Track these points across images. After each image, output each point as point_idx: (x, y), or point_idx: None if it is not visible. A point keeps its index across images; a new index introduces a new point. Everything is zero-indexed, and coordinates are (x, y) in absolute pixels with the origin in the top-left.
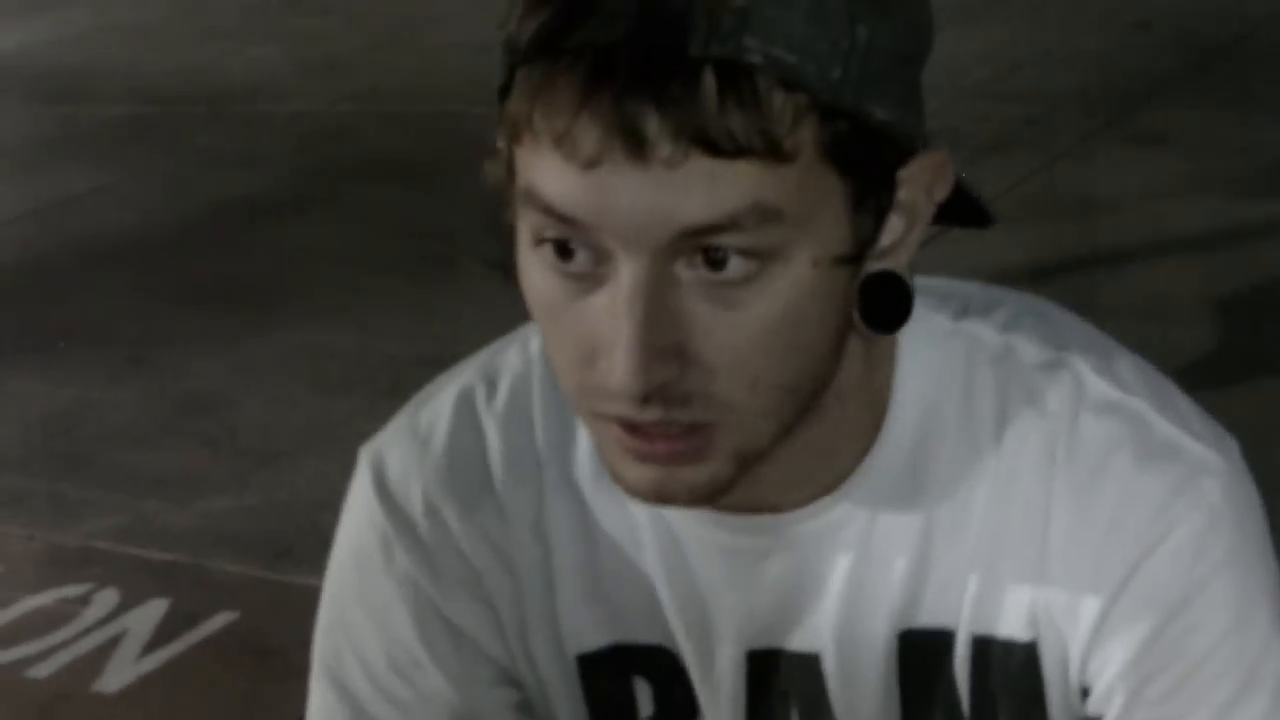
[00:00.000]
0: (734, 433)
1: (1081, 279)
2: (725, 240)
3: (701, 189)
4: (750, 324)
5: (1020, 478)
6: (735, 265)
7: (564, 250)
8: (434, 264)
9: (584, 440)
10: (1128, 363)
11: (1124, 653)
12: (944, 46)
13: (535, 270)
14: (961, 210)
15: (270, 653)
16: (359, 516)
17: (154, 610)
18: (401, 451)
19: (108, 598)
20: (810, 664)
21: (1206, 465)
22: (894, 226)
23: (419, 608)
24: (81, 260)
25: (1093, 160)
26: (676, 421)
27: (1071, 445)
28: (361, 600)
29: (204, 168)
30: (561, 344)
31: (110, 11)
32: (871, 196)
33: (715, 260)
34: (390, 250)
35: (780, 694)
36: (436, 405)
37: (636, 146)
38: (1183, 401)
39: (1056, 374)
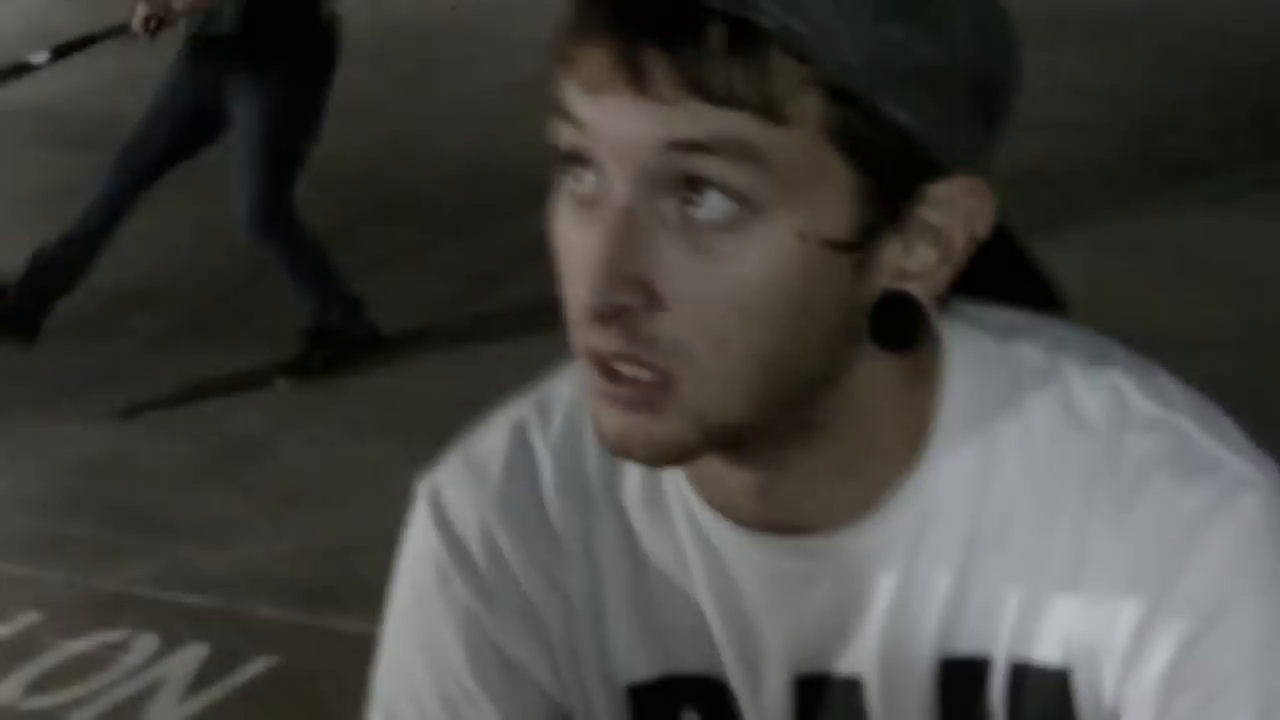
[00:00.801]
0: (697, 392)
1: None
2: (707, 167)
3: (692, 118)
4: (723, 278)
5: (1062, 498)
6: (714, 203)
7: (578, 167)
8: (460, 305)
9: (633, 468)
10: (1171, 382)
11: (1157, 664)
12: None
13: (559, 208)
14: (1027, 289)
15: (309, 697)
16: (417, 549)
17: (193, 655)
18: (458, 483)
19: (147, 643)
20: (854, 690)
21: (1246, 482)
22: (924, 254)
23: (473, 639)
24: (116, 305)
25: (1120, 188)
26: (639, 360)
27: (1114, 464)
28: (417, 636)
29: (231, 213)
30: (565, 276)
31: (137, 61)
32: (885, 197)
33: (695, 191)
34: (415, 292)
35: None
36: (491, 437)
37: (637, 81)
38: (1225, 421)
39: (1101, 394)
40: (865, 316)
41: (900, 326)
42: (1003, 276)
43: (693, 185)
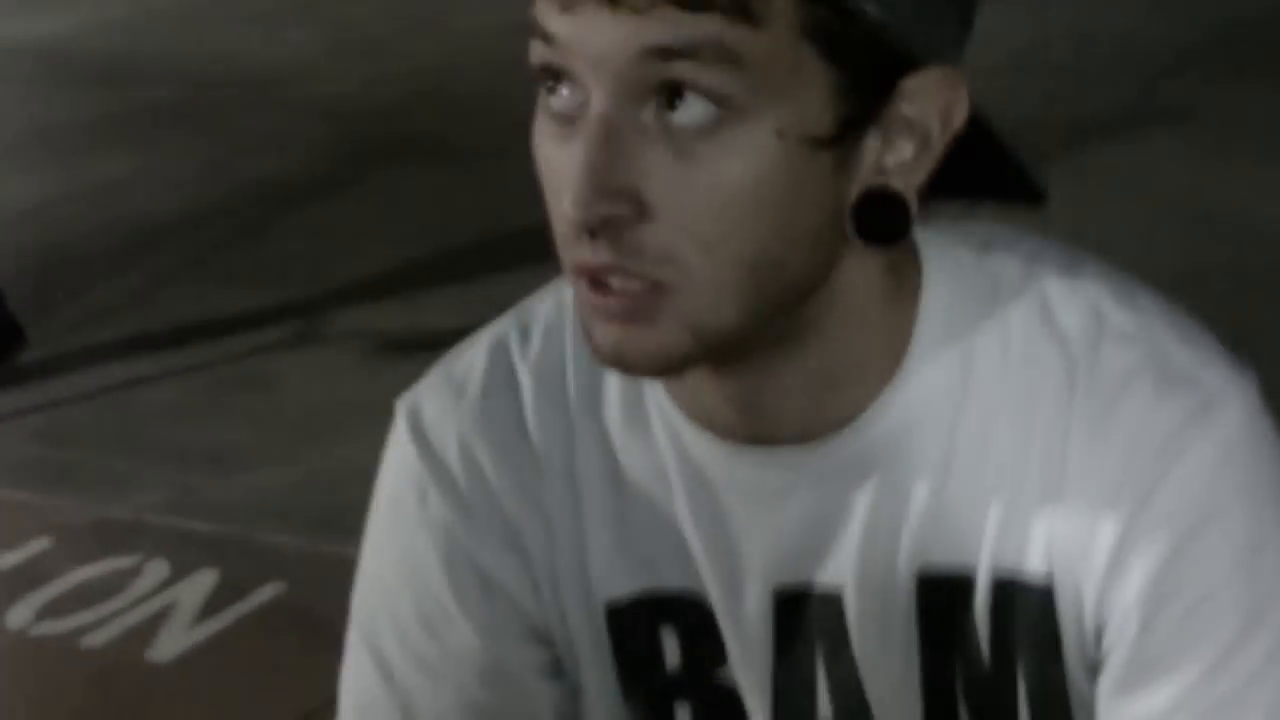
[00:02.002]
0: (688, 299)
1: (1110, 253)
2: (684, 71)
3: (666, 23)
4: (706, 181)
5: (1041, 409)
6: (694, 107)
7: (553, 82)
8: (474, 242)
9: (614, 385)
10: (1148, 296)
11: (1139, 578)
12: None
13: (540, 120)
14: (1006, 182)
15: (318, 623)
16: (395, 466)
17: (203, 581)
18: (437, 399)
19: (158, 569)
20: (833, 602)
21: (1225, 395)
22: (902, 148)
23: (451, 556)
24: (126, 241)
25: (1115, 134)
26: (629, 271)
27: (1092, 374)
28: (395, 552)
29: (243, 150)
30: (549, 197)
31: (145, 1)
32: (862, 93)
33: (674, 96)
34: (430, 229)
35: (806, 636)
36: (472, 354)
37: None
38: (1202, 334)
39: (1078, 306)
40: (849, 215)
41: (884, 222)
42: (981, 169)
43: (671, 91)
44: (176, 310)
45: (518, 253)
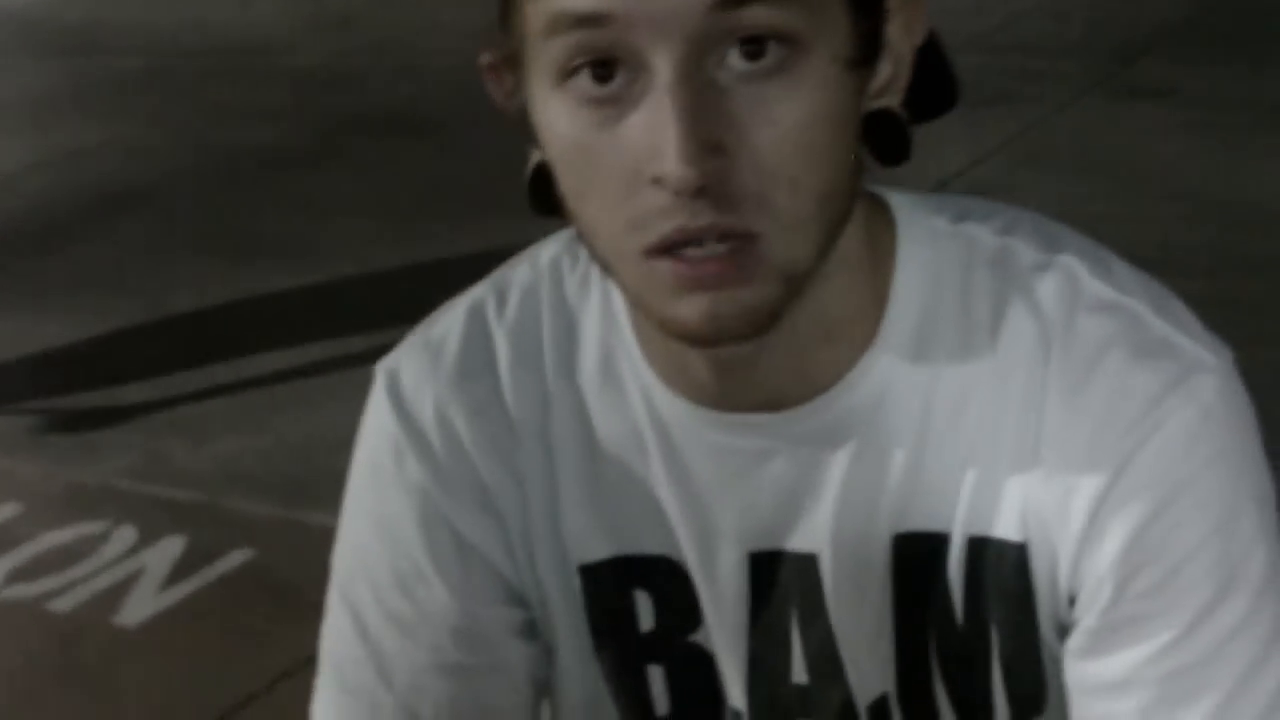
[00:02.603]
0: (777, 245)
1: (1082, 230)
2: (757, 16)
3: None
4: (786, 120)
5: (1016, 375)
6: (768, 50)
7: (601, 70)
8: (438, 212)
9: (589, 351)
10: (1123, 267)
11: (1114, 544)
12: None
13: (562, 112)
14: (927, 93)
15: (285, 590)
16: (373, 430)
17: (171, 547)
18: (415, 363)
19: (126, 535)
20: (808, 565)
21: (1201, 364)
22: (883, 69)
23: (428, 518)
24: (95, 209)
25: (1093, 112)
26: (725, 228)
27: (1067, 342)
28: (372, 514)
29: (215, 120)
30: (598, 186)
31: None
32: (866, 10)
33: (752, 49)
34: (402, 198)
35: (781, 598)
36: (449, 319)
37: None
38: (1178, 305)
39: (1053, 275)
40: (860, 140)
41: (891, 143)
42: (932, 83)
43: (745, 38)
44: (145, 278)
45: (486, 222)
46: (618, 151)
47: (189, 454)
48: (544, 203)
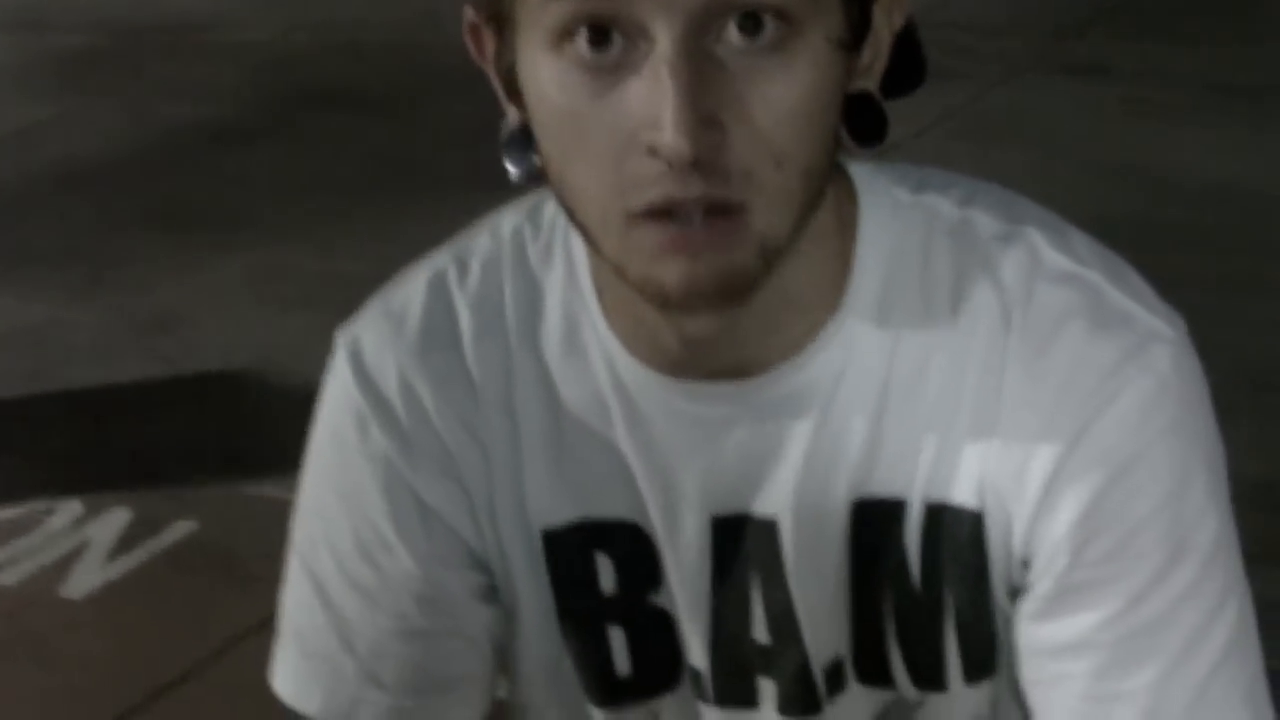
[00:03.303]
0: (761, 217)
1: None
2: None
3: None
4: (780, 97)
5: (975, 344)
6: (769, 29)
7: (598, 36)
8: (394, 187)
9: (552, 318)
10: (1083, 238)
11: (1070, 512)
12: None
13: (554, 76)
14: (899, 74)
15: (230, 561)
16: (335, 398)
17: (116, 520)
18: (376, 332)
19: (71, 508)
20: (769, 530)
21: (1157, 334)
22: (866, 53)
23: (391, 486)
24: (41, 185)
25: (1027, 89)
26: (713, 200)
27: (1026, 313)
28: (335, 482)
29: (162, 96)
30: (587, 150)
31: None
32: None
33: (750, 25)
34: (347, 174)
35: (742, 561)
36: (410, 287)
37: None
38: (1134, 277)
39: (1013, 246)
40: (841, 121)
41: (869, 126)
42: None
43: (744, 15)
44: (93, 253)
45: (432, 197)
46: (612, 117)
47: (134, 427)
48: (519, 164)
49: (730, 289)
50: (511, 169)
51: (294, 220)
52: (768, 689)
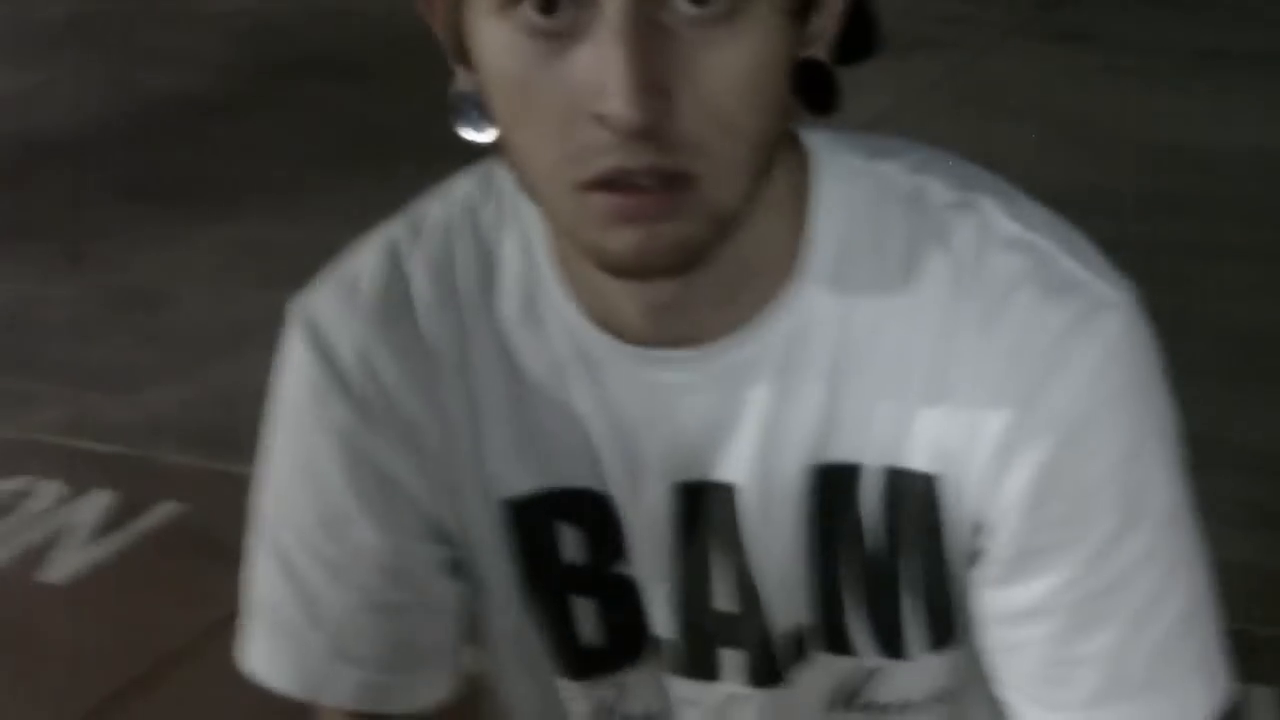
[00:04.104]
0: (710, 187)
1: (1005, 172)
2: None
3: None
4: (728, 66)
5: (928, 310)
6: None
7: (546, 2)
8: (372, 158)
9: (508, 284)
10: (1034, 207)
11: (1023, 477)
12: None
13: (502, 40)
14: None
15: (214, 542)
16: (291, 371)
17: (98, 501)
18: (330, 303)
19: (50, 490)
20: (726, 498)
21: (1108, 300)
22: (816, 21)
23: (351, 458)
24: (20, 157)
25: (1012, 57)
26: (663, 169)
27: (978, 279)
28: (295, 456)
29: (141, 66)
30: (535, 116)
31: None
32: None
33: None
34: (329, 145)
35: (703, 528)
36: (363, 256)
37: None
38: (1085, 244)
39: (965, 213)
40: (791, 90)
41: (820, 94)
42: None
43: None
44: (72, 227)
45: (416, 169)
46: (559, 85)
47: (115, 406)
48: (468, 125)
49: (681, 258)
50: (463, 131)
51: (278, 192)
52: (730, 658)
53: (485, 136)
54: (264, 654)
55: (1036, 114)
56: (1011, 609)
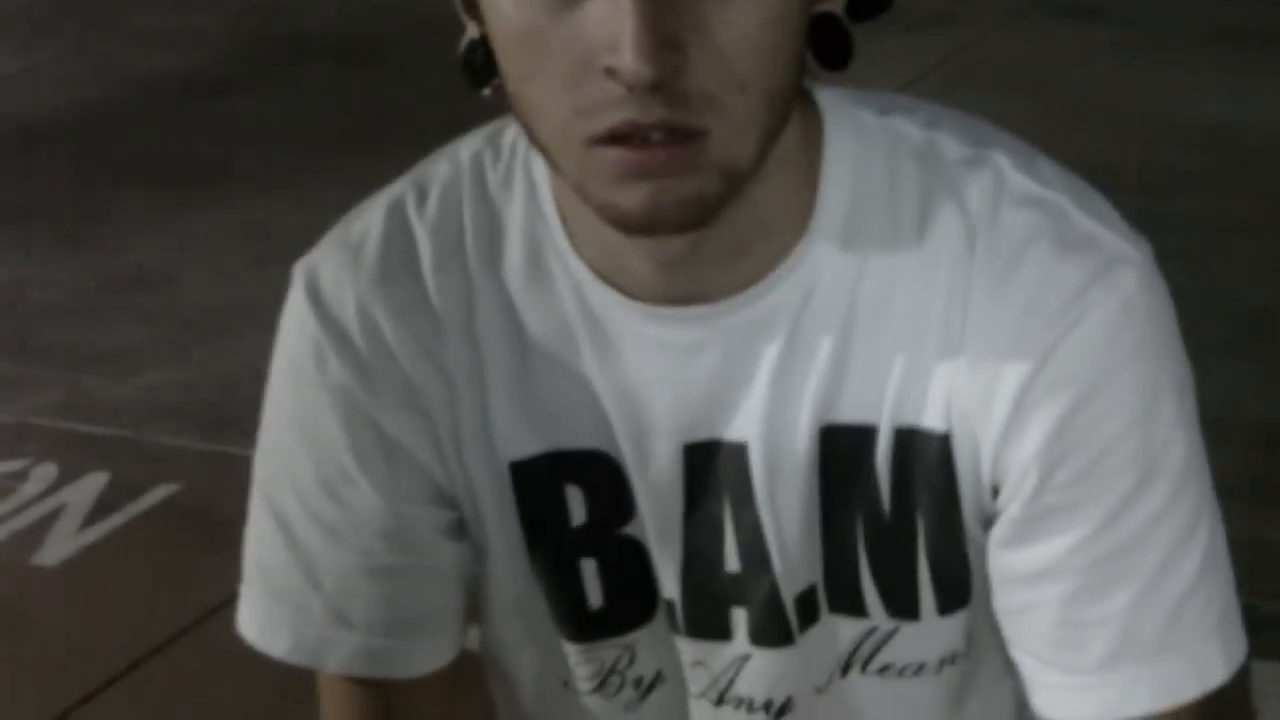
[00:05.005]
0: (722, 142)
1: None
2: None
3: None
4: (743, 20)
5: (941, 267)
6: None
7: None
8: (371, 138)
9: (514, 244)
10: (1048, 163)
11: (1038, 435)
12: None
13: (519, 11)
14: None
15: (210, 524)
16: (293, 330)
17: (93, 483)
18: (334, 261)
19: (46, 472)
20: (738, 456)
21: (1123, 256)
22: None
23: (352, 418)
24: (14, 140)
25: (1021, 33)
26: (674, 124)
27: (992, 235)
28: (295, 416)
29: (137, 47)
30: (546, 70)
31: None
32: None
33: None
34: (327, 125)
35: (714, 488)
36: (368, 216)
37: None
38: (1100, 200)
39: (979, 169)
40: (806, 45)
41: (834, 48)
42: None
43: None
44: (67, 209)
45: (413, 147)
46: (570, 38)
47: (111, 388)
48: (478, 79)
49: (692, 214)
50: (470, 84)
51: (273, 172)
52: (740, 618)
53: (494, 91)
54: (261, 618)
55: (1044, 90)
56: (1025, 570)
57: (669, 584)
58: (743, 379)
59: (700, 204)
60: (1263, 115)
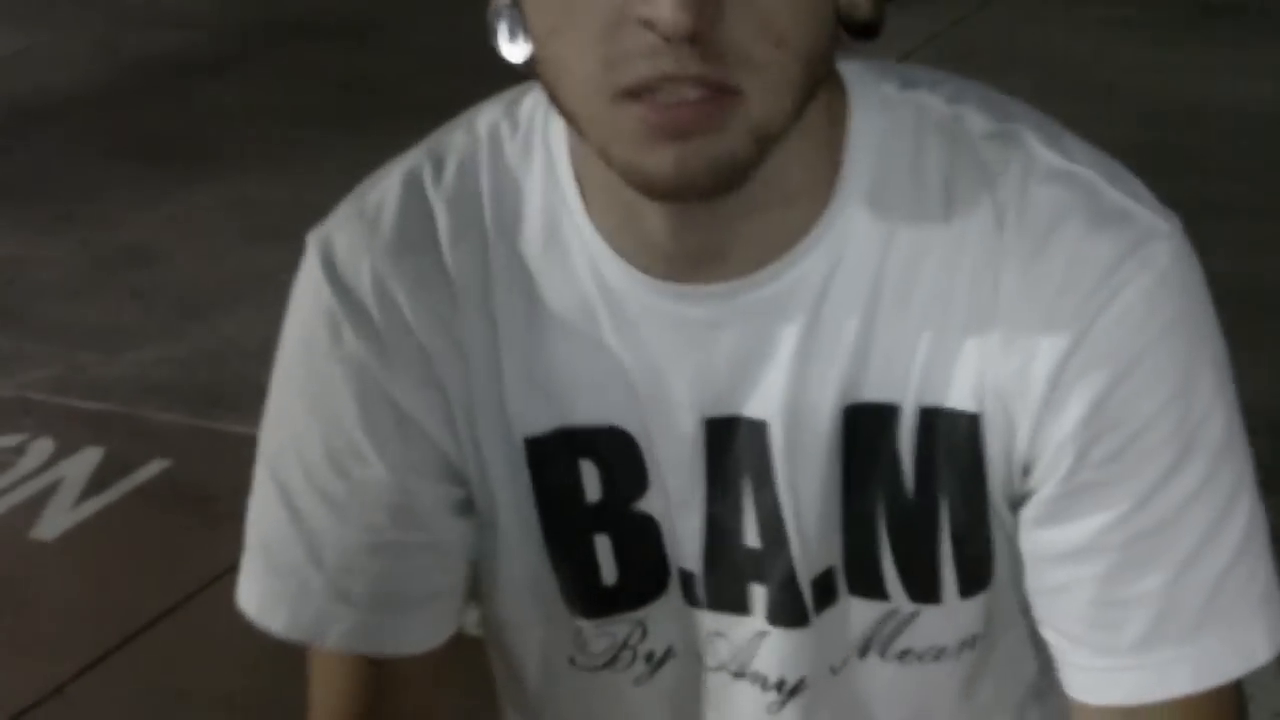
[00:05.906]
0: (756, 102)
1: None
2: None
3: None
4: None
5: (968, 245)
6: None
7: None
8: (363, 116)
9: (532, 217)
10: (1074, 139)
11: (1075, 412)
12: None
13: None
14: None
15: (203, 499)
16: (306, 301)
17: (89, 459)
18: (349, 232)
19: (42, 447)
20: (759, 434)
21: (1156, 230)
22: None
23: (365, 391)
24: (9, 119)
25: (1017, 9)
26: (708, 79)
27: (1021, 212)
28: (305, 388)
29: (132, 26)
30: (577, 22)
31: None
32: None
33: None
34: (320, 104)
35: (734, 467)
36: (384, 186)
37: None
38: (1129, 175)
39: (1005, 144)
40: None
41: (863, 16)
42: None
43: None
44: (62, 188)
45: (405, 126)
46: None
47: (105, 365)
48: (504, 42)
49: (721, 177)
50: (502, 49)
51: (266, 151)
52: (759, 595)
53: (520, 53)
54: (261, 592)
55: (1034, 66)
56: (1060, 549)
57: (690, 556)
58: (763, 358)
59: (732, 167)
60: (1250, 93)
